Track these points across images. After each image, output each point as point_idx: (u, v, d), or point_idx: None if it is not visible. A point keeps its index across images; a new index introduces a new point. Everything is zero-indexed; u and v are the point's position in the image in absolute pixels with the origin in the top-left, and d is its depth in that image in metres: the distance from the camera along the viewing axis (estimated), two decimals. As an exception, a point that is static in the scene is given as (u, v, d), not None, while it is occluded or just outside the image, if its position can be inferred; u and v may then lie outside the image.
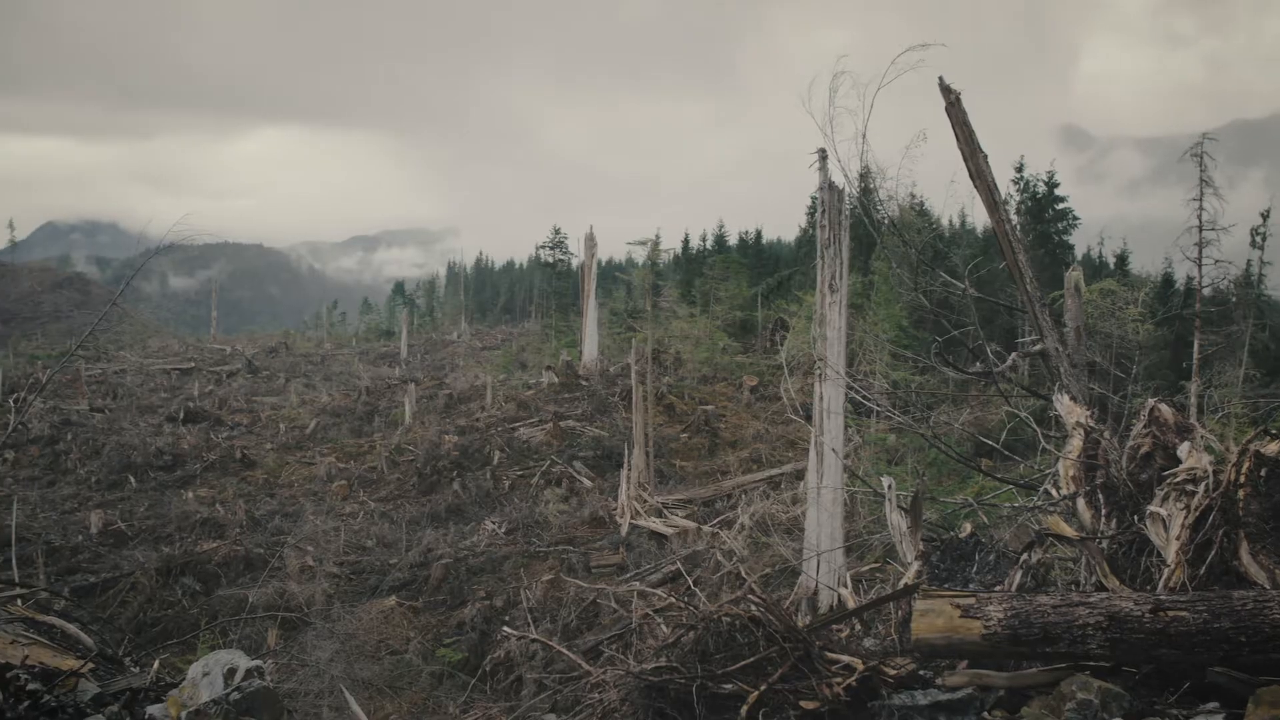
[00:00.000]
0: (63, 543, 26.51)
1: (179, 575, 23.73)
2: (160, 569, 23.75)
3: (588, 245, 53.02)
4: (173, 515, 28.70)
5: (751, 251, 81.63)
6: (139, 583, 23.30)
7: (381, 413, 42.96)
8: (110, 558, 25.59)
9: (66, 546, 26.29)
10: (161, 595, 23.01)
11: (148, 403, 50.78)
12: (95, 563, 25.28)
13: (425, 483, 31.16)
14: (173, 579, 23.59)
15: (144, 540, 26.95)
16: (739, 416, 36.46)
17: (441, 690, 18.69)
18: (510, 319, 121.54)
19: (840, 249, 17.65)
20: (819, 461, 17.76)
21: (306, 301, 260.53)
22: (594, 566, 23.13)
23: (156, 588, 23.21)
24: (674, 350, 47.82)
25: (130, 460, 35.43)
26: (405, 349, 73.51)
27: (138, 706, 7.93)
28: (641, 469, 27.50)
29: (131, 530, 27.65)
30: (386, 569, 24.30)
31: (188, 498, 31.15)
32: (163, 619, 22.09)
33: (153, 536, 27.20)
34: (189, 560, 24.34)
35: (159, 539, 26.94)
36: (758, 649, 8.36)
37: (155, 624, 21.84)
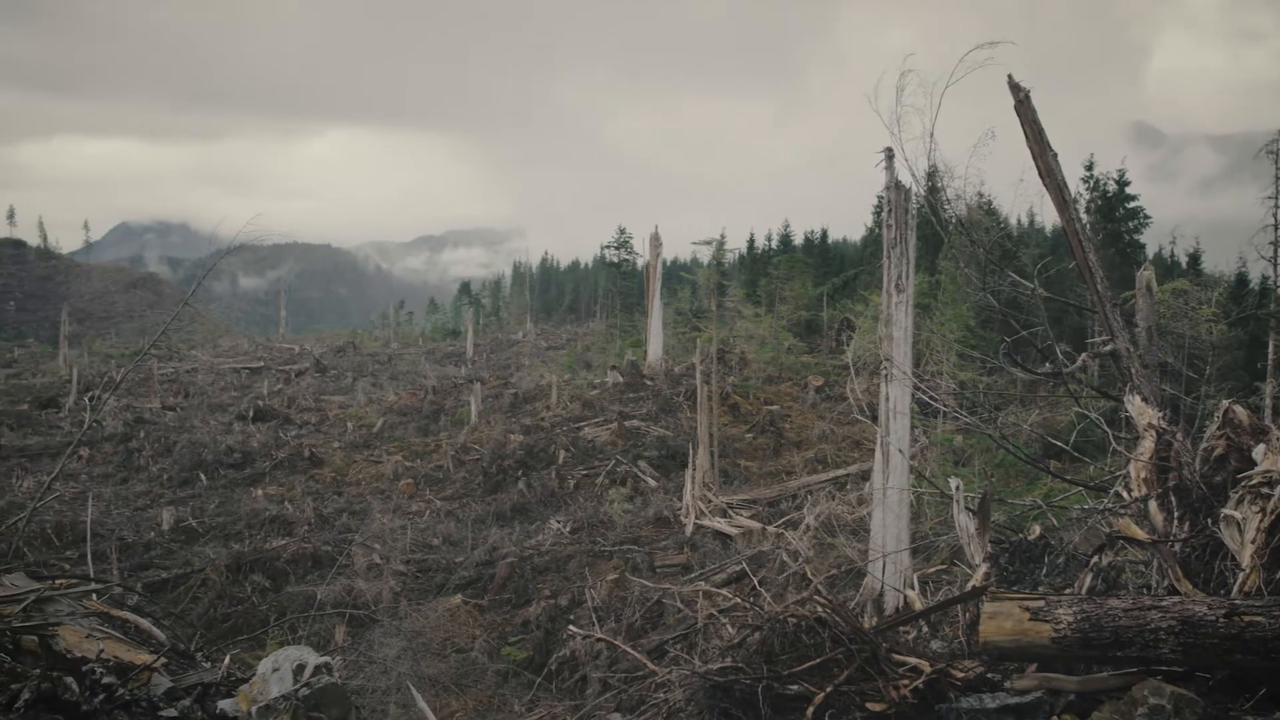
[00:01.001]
0: (136, 539, 26.90)
1: (248, 572, 23.99)
2: (230, 565, 24.03)
3: (653, 245, 53.07)
4: (242, 513, 29.02)
5: (817, 251, 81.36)
6: (209, 579, 23.58)
7: (447, 412, 43.20)
8: (181, 554, 25.93)
9: (139, 543, 26.67)
10: (231, 591, 23.28)
11: (218, 401, 51.45)
12: (167, 559, 25.63)
13: (491, 482, 31.28)
14: (242, 575, 23.85)
15: (214, 537, 27.28)
16: (804, 417, 36.30)
17: (506, 688, 18.77)
18: (575, 319, 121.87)
19: (906, 248, 17.53)
20: (885, 462, 17.66)
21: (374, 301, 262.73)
22: (658, 566, 23.12)
23: (227, 584, 23.49)
24: (739, 350, 47.72)
25: (201, 458, 35.88)
26: (471, 348, 73.88)
27: (209, 701, 8.02)
28: (706, 469, 27.46)
29: (202, 527, 27.99)
30: (452, 567, 24.42)
31: (257, 495, 31.49)
32: (233, 615, 22.34)
33: (223, 533, 27.53)
34: (258, 557, 24.61)
35: (229, 536, 27.26)
36: (823, 650, 8.32)
37: (225, 620, 22.09)
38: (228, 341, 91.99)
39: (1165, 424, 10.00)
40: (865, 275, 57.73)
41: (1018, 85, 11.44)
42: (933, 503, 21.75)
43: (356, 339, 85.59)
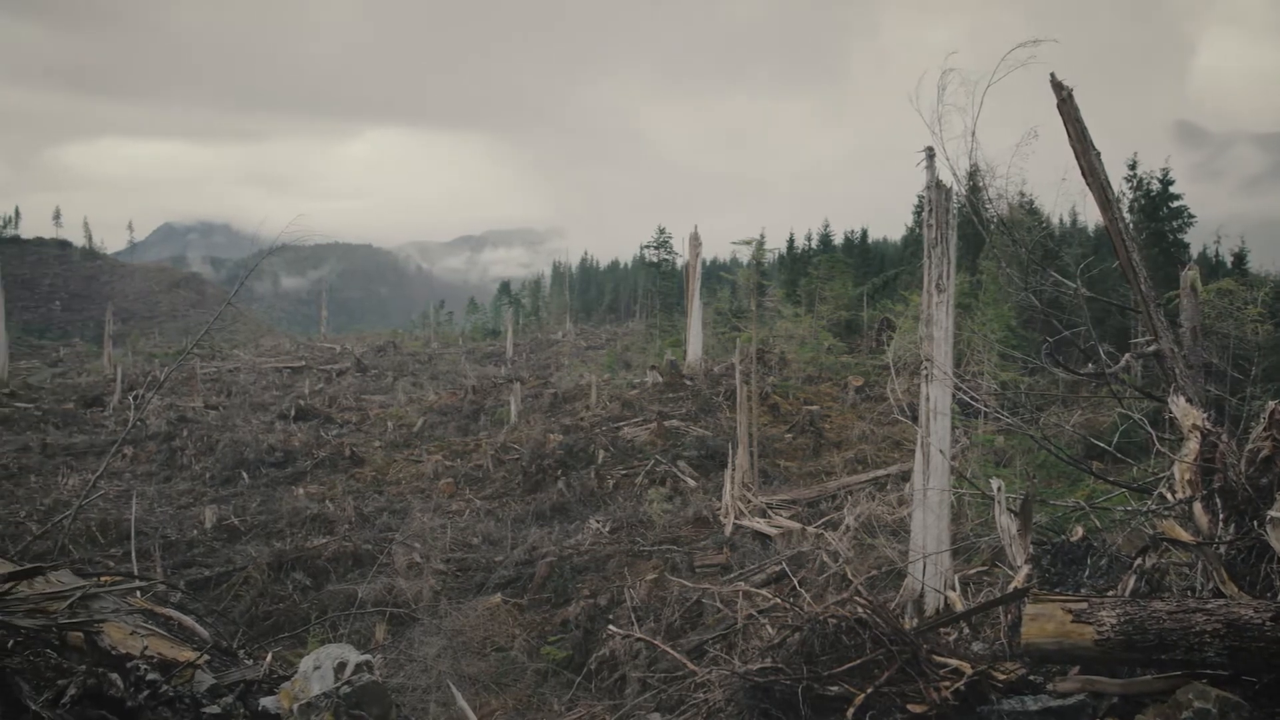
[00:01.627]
0: (179, 537, 27.13)
1: (290, 570, 24.16)
2: (272, 564, 24.20)
3: (692, 245, 53.02)
4: (284, 511, 29.22)
5: (857, 251, 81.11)
6: (251, 577, 23.75)
7: (487, 411, 43.31)
8: (224, 552, 26.13)
9: (182, 540, 26.89)
10: (273, 589, 23.44)
11: (260, 400, 51.79)
12: (209, 557, 25.83)
13: (530, 481, 31.35)
14: (284, 573, 24.02)
15: (256, 535, 27.47)
16: (844, 417, 36.20)
17: (546, 687, 18.81)
18: (615, 318, 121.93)
19: (947, 248, 17.46)
20: (925, 463, 17.59)
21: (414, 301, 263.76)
22: (698, 566, 23.10)
23: (268, 582, 23.66)
24: (778, 350, 47.63)
25: (243, 457, 36.15)
26: (511, 348, 74.02)
27: (251, 698, 8.07)
28: (746, 469, 27.42)
29: (244, 525, 28.19)
30: (492, 566, 24.49)
31: (298, 494, 31.69)
32: (274, 612, 22.49)
33: (264, 532, 27.72)
34: (299, 555, 24.77)
35: (270, 534, 27.45)
36: (864, 651, 8.29)
37: (267, 617, 22.24)
38: (270, 341, 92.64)
39: (1210, 425, 9.91)
40: (905, 275, 57.52)
41: (1060, 84, 11.36)
42: (974, 503, 21.62)
43: (397, 339, 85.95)
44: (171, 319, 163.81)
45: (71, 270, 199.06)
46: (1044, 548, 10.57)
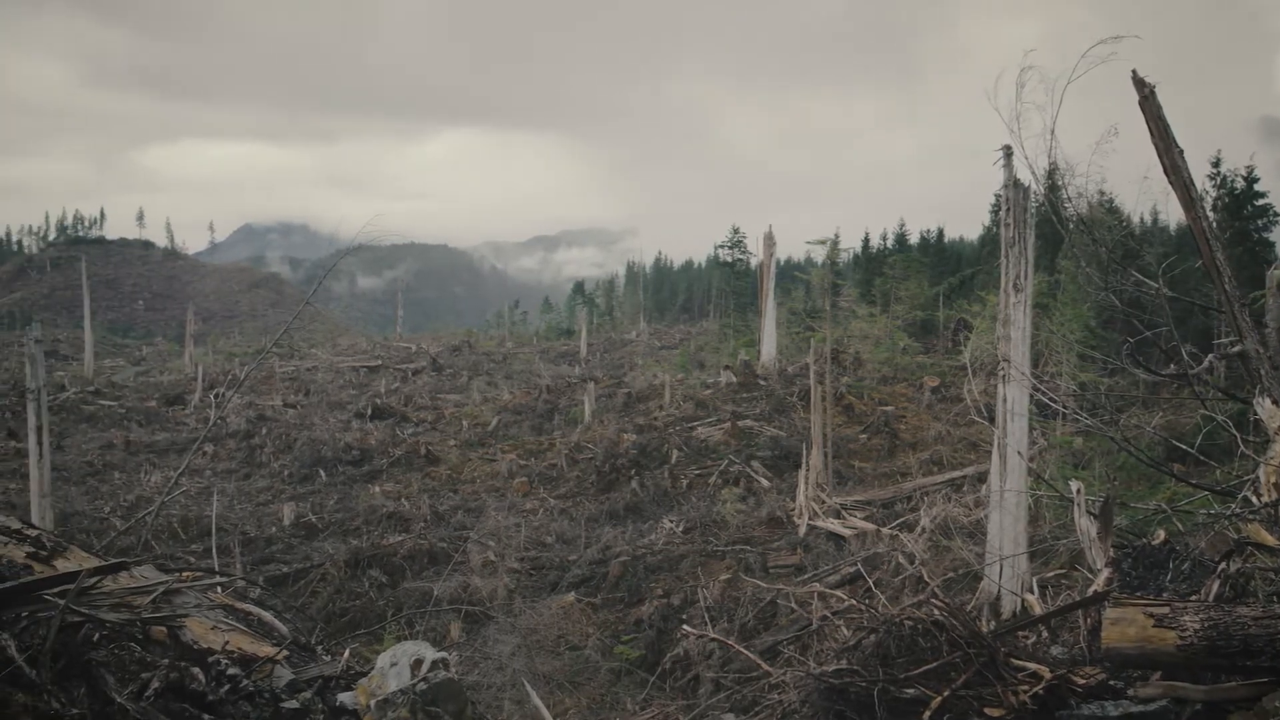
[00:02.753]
0: (258, 533, 27.50)
1: (366, 567, 24.39)
2: (348, 561, 24.45)
3: (766, 244, 52.84)
4: (360, 509, 29.51)
5: (933, 250, 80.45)
6: (328, 574, 24.02)
7: (561, 411, 43.44)
8: (301, 549, 26.45)
9: (261, 537, 27.26)
10: (349, 586, 23.68)
11: (337, 399, 52.33)
12: (287, 553, 26.15)
13: (604, 480, 31.40)
14: (360, 571, 24.25)
15: (333, 532, 27.78)
16: (919, 417, 35.91)
17: (619, 686, 18.84)
18: (688, 318, 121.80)
19: (1025, 248, 17.27)
20: (1002, 464, 17.40)
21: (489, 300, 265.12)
22: (771, 567, 23.03)
23: (345, 579, 23.90)
24: (853, 350, 47.34)
25: (320, 455, 36.56)
26: (585, 348, 74.16)
27: (329, 694, 8.15)
28: (820, 469, 27.29)
29: (321, 523, 28.51)
30: (566, 565, 24.57)
31: (374, 492, 31.97)
32: (351, 609, 22.73)
33: (341, 529, 28.02)
34: (376, 553, 25.00)
35: (347, 532, 27.73)
36: (941, 654, 8.22)
37: (344, 614, 22.48)
38: (346, 340, 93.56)
39: (1297, 427, 9.72)
40: (982, 275, 56.88)
41: (1142, 81, 11.20)
42: (1051, 505, 21.35)
43: (472, 338, 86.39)
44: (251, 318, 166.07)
45: (154, 270, 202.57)
46: (1125, 551, 10.43)
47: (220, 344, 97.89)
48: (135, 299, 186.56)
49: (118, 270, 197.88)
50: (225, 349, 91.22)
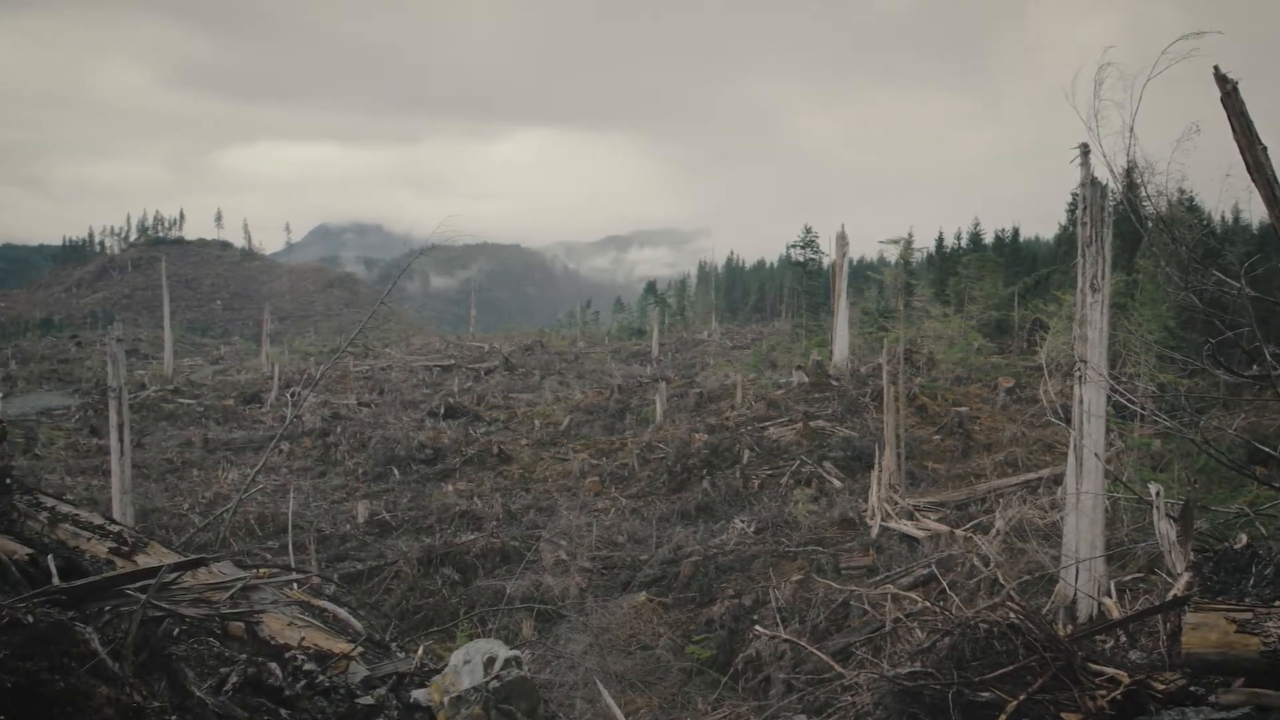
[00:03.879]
0: (332, 531, 27.79)
1: (439, 565, 24.56)
2: (422, 559, 24.64)
3: (839, 244, 52.56)
4: (433, 507, 29.73)
5: (1007, 250, 79.65)
6: (402, 571, 24.21)
7: (633, 410, 43.47)
8: (375, 546, 26.69)
9: (336, 534, 27.55)
10: (423, 584, 23.86)
11: (410, 398, 52.76)
12: (361, 551, 26.40)
13: (675, 480, 31.39)
14: (433, 568, 24.43)
15: (406, 530, 27.99)
16: (994, 418, 35.54)
17: (691, 686, 18.83)
18: (760, 318, 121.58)
19: (1102, 247, 17.06)
20: (1078, 466, 17.21)
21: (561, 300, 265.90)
22: (843, 568, 22.91)
23: (418, 576, 24.08)
24: (926, 350, 46.97)
25: (394, 453, 36.88)
26: (656, 347, 74.18)
27: (403, 690, 8.22)
28: (892, 470, 27.11)
29: (395, 520, 28.75)
30: (637, 565, 24.59)
31: (447, 490, 32.17)
32: (424, 607, 22.90)
33: (414, 527, 28.23)
34: (449, 551, 25.17)
35: (420, 530, 27.93)
36: (1016, 657, 8.13)
37: (417, 611, 22.65)
38: (420, 340, 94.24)
39: (1384, 430, 9.53)
40: (1058, 274, 56.22)
41: (1224, 76, 11.01)
42: (1128, 508, 21.07)
43: (544, 338, 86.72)
44: (326, 318, 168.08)
45: (231, 270, 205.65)
46: (1205, 555, 10.26)
47: (296, 343, 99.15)
48: (213, 298, 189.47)
49: (196, 270, 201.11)
50: (301, 348, 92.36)
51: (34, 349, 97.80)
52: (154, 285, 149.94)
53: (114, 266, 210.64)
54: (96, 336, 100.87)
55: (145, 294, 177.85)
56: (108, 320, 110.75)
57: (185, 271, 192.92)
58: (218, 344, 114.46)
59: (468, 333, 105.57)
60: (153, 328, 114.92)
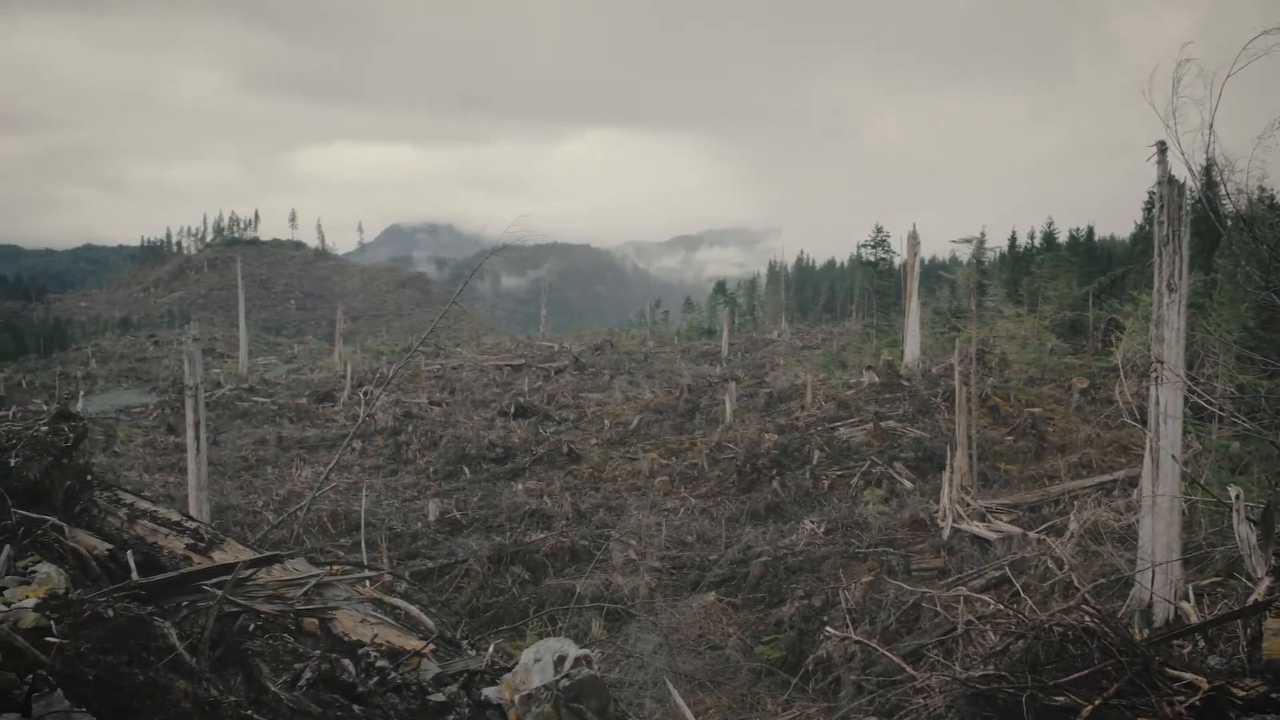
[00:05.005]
0: (403, 529, 28.02)
1: (509, 564, 24.68)
2: (492, 557, 24.77)
3: (910, 243, 52.19)
4: (503, 506, 29.87)
5: (1082, 249, 78.75)
6: (472, 569, 24.36)
7: (702, 410, 43.43)
8: (446, 544, 26.88)
9: (407, 532, 27.76)
10: (493, 582, 23.99)
11: (481, 397, 53.08)
12: (432, 549, 26.59)
13: (745, 480, 31.32)
14: (503, 567, 24.55)
15: (476, 529, 28.16)
16: (1067, 419, 35.11)
17: (760, 687, 18.78)
18: (830, 318, 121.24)
19: (1180, 246, 16.81)
20: (1154, 468, 16.96)
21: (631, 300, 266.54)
22: (914, 569, 22.74)
23: (488, 575, 24.22)
24: (999, 351, 46.50)
25: (465, 452, 37.12)
26: (726, 347, 74.06)
27: (474, 688, 8.27)
28: (964, 471, 26.87)
29: (465, 519, 28.93)
30: (707, 565, 24.56)
31: (517, 489, 32.32)
32: (494, 605, 23.02)
33: (484, 526, 28.39)
34: (518, 550, 25.28)
35: (490, 528, 28.09)
36: (1092, 661, 8.03)
37: (487, 609, 22.79)
38: (491, 339, 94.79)
39: None
40: (1134, 274, 55.49)
41: (1307, 72, 10.83)
42: (1206, 511, 20.75)
43: (614, 337, 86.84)
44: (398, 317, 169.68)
45: (305, 270, 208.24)
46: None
47: (368, 342, 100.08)
48: (287, 298, 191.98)
49: (271, 270, 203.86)
50: (373, 347, 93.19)
51: (113, 348, 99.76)
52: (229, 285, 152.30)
53: (190, 266, 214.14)
54: (173, 336, 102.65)
55: (221, 294, 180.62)
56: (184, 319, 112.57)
57: (260, 271, 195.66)
58: (291, 343, 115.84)
59: (538, 332, 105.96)
60: (228, 327, 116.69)
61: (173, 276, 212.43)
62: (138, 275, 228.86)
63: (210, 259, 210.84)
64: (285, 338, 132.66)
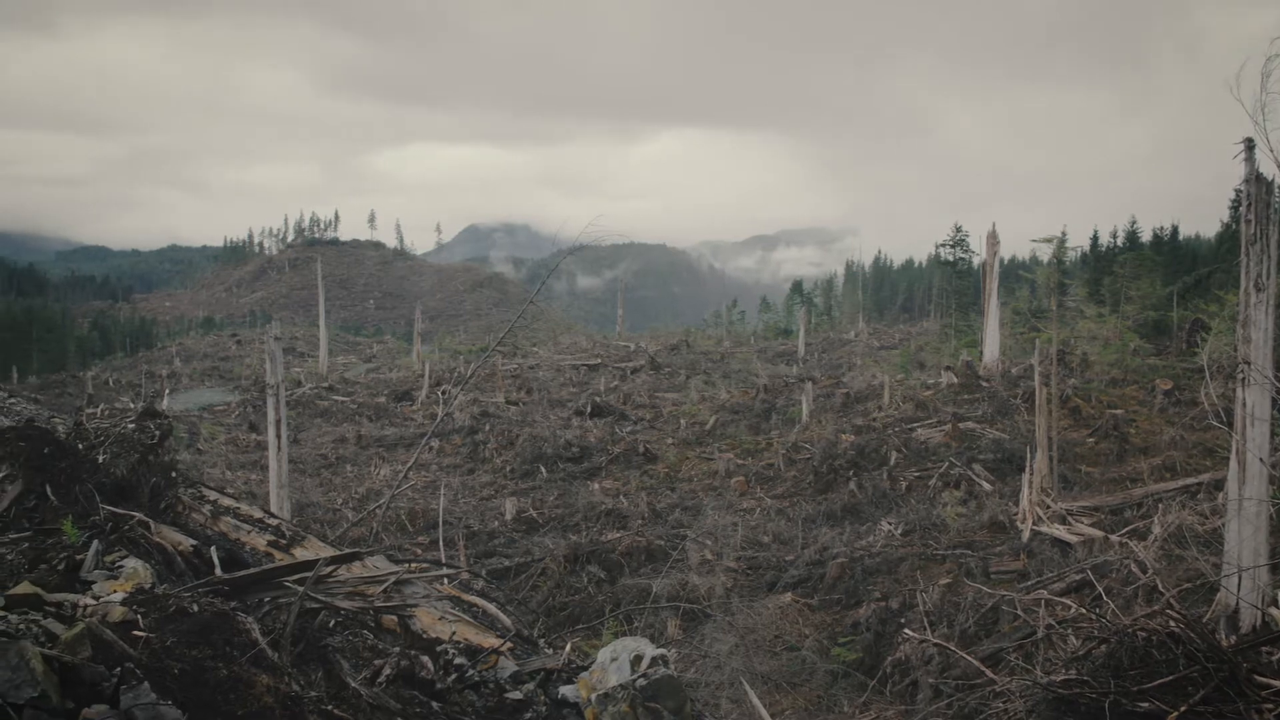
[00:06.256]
0: (480, 527, 28.20)
1: (585, 563, 24.76)
2: (568, 556, 24.85)
3: (989, 243, 51.68)
4: (579, 505, 29.95)
5: (1166, 248, 77.72)
6: (549, 568, 24.47)
7: (779, 410, 43.27)
8: (522, 543, 27.00)
9: (484, 531, 27.94)
10: (569, 581, 24.07)
11: (558, 397, 53.28)
12: (509, 547, 26.74)
13: (821, 481, 31.17)
14: (579, 566, 24.63)
15: (553, 528, 28.25)
16: (1151, 421, 34.58)
17: (837, 688, 18.69)
18: (908, 318, 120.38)
19: (1267, 245, 16.50)
20: (1241, 471, 16.67)
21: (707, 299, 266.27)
22: (993, 572, 22.50)
23: (564, 574, 24.31)
24: (1080, 351, 45.91)
25: (541, 451, 37.26)
26: (803, 347, 73.77)
27: (551, 686, 8.30)
28: (1044, 473, 26.54)
29: (542, 518, 29.05)
30: (783, 565, 24.48)
31: (594, 489, 32.39)
32: (570, 604, 23.10)
33: (561, 525, 28.48)
34: (595, 549, 25.35)
35: (566, 527, 28.17)
36: (1177, 667, 7.91)
37: (563, 608, 22.87)
38: (567, 339, 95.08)
39: None
40: (1220, 274, 54.54)
41: (1401, 67, 10.59)
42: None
43: (690, 337, 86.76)
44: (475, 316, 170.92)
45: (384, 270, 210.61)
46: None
47: (446, 342, 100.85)
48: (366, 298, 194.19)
49: (350, 270, 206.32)
50: (451, 346, 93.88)
51: (196, 347, 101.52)
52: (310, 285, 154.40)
53: (272, 267, 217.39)
54: (255, 335, 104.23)
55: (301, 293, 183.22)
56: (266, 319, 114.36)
57: (339, 271, 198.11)
58: (370, 342, 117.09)
59: (614, 332, 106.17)
60: (308, 326, 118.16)
61: (255, 276, 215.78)
62: (221, 275, 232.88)
63: (291, 259, 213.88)
64: (364, 337, 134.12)
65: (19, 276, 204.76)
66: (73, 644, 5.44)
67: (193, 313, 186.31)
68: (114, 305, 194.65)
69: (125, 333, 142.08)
